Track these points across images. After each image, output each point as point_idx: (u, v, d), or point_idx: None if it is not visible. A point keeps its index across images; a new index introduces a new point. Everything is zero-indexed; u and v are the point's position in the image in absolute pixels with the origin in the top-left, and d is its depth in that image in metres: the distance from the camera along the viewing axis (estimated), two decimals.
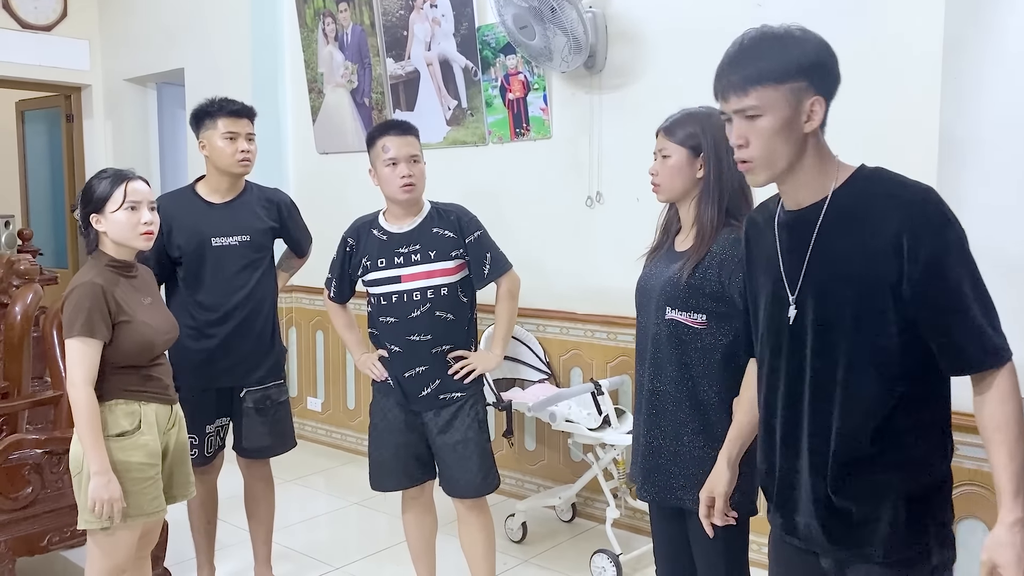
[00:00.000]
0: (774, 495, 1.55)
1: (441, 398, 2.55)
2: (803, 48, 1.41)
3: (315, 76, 4.56)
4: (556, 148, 3.66)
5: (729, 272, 1.87)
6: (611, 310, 3.51)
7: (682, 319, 1.92)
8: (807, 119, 1.40)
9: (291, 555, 3.32)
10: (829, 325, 1.42)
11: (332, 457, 4.61)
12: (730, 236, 1.90)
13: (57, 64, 5.66)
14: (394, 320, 2.54)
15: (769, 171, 1.44)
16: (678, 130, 1.96)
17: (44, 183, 6.39)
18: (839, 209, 1.42)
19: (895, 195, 1.38)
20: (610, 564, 3.02)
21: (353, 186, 4.50)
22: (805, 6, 2.91)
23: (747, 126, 1.42)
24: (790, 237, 1.48)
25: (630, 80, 3.39)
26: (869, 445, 1.41)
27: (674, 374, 1.93)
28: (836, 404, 1.43)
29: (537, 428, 3.82)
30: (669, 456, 1.95)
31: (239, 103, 2.78)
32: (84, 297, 2.07)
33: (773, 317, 1.51)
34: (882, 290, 1.37)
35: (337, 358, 4.69)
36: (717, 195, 1.92)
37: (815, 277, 1.43)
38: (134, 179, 2.16)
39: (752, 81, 1.41)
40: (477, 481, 2.57)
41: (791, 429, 1.50)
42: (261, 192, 2.90)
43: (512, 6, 3.24)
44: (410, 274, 2.52)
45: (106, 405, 2.13)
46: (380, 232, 2.58)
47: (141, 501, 2.15)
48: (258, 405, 2.82)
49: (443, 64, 3.93)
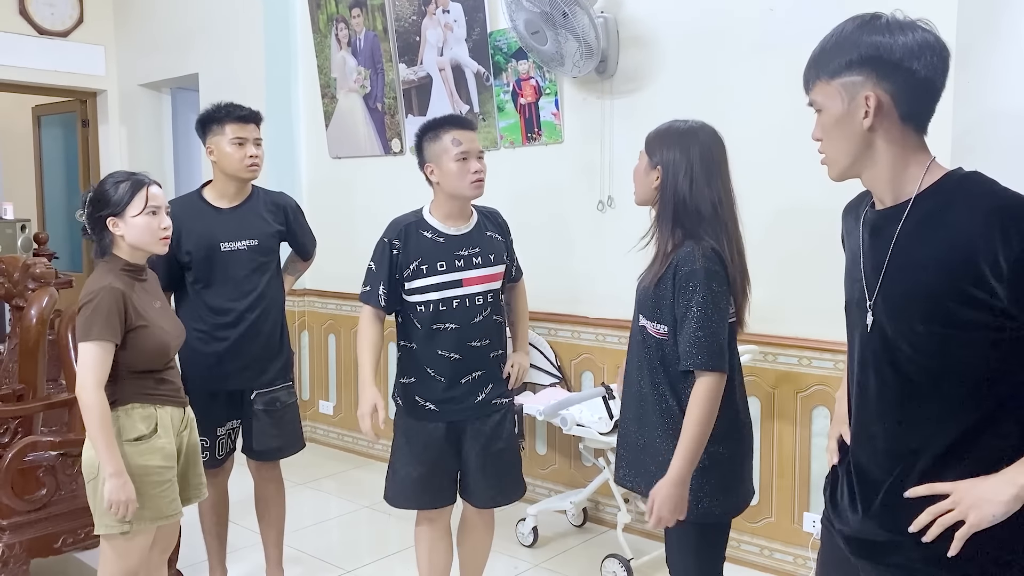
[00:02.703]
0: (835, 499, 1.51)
1: (493, 403, 2.50)
2: (864, 40, 1.32)
3: (328, 81, 4.59)
4: (568, 153, 3.66)
5: (676, 285, 1.88)
6: (622, 314, 3.50)
7: (649, 327, 1.96)
8: (865, 115, 1.33)
9: (302, 558, 3.33)
10: (898, 337, 1.34)
11: (343, 461, 4.62)
12: (685, 250, 1.89)
13: (73, 69, 5.72)
14: (455, 327, 2.41)
15: (836, 167, 1.41)
16: (651, 138, 2.00)
17: (60, 187, 6.46)
18: (921, 214, 1.33)
19: (979, 202, 1.27)
20: (621, 569, 3.02)
21: (365, 190, 4.53)
22: (818, 10, 2.91)
23: (817, 121, 1.40)
24: (871, 238, 1.41)
25: (642, 85, 3.40)
26: (929, 470, 1.33)
27: (649, 379, 1.97)
28: (903, 420, 1.36)
29: (548, 432, 3.82)
30: (650, 456, 1.97)
31: (246, 108, 2.79)
32: (104, 301, 2.07)
33: (855, 322, 1.45)
34: (953, 304, 1.27)
35: (349, 361, 4.70)
36: (670, 210, 1.93)
37: (889, 285, 1.36)
38: (151, 184, 2.18)
39: (814, 76, 1.39)
40: (518, 488, 2.59)
41: (858, 436, 1.45)
42: (267, 196, 2.91)
43: (524, 11, 3.25)
44: (471, 278, 2.42)
45: (123, 409, 2.14)
46: (433, 233, 2.43)
47: (160, 504, 2.16)
48: (268, 407, 2.84)
49: (455, 69, 3.95)
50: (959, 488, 1.29)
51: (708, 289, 1.86)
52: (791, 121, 2.97)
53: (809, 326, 3.01)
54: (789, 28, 2.95)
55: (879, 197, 1.40)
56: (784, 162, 2.97)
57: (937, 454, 1.32)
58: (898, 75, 1.30)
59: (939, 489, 1.30)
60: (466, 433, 2.49)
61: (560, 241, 3.70)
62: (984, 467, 1.29)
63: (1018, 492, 1.24)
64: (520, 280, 2.72)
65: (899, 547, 1.35)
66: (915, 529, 1.32)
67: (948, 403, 1.31)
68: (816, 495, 3.06)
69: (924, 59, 1.30)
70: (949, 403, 1.31)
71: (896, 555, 1.36)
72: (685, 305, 1.87)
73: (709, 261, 1.88)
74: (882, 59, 1.30)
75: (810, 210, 2.85)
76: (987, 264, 1.23)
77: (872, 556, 1.40)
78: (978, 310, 1.26)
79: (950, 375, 1.30)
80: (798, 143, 2.95)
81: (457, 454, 2.50)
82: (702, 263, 1.87)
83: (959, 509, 1.27)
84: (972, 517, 1.26)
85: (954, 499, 1.28)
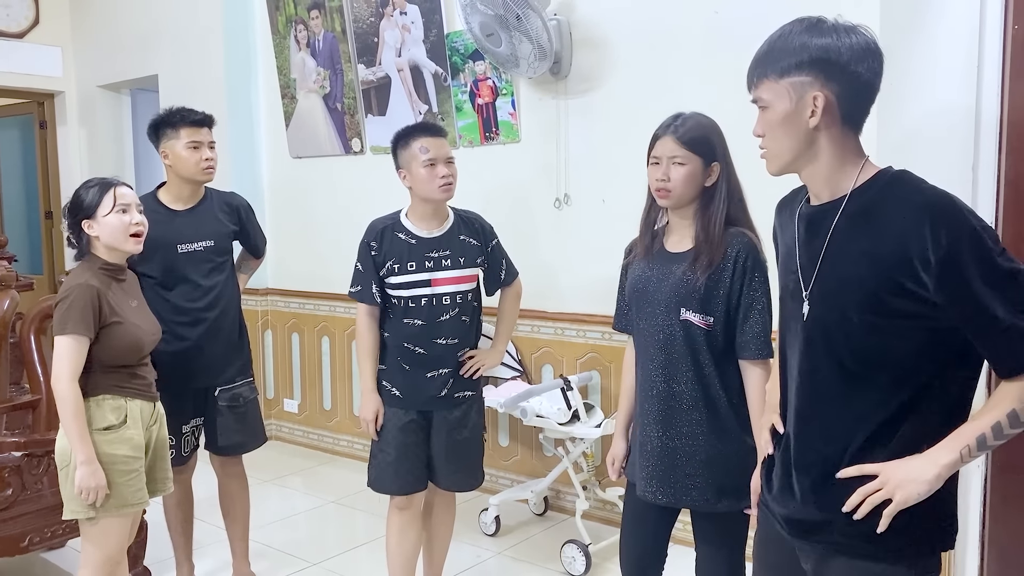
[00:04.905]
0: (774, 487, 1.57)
1: (456, 397, 2.62)
2: (813, 43, 1.37)
3: (288, 82, 4.62)
4: (525, 152, 3.75)
5: (741, 275, 1.94)
6: (580, 308, 3.61)
7: (696, 320, 1.96)
8: (811, 114, 1.38)
9: (268, 552, 3.38)
10: (832, 326, 1.40)
11: (309, 457, 4.67)
12: (743, 240, 1.96)
13: (30, 71, 5.68)
14: (421, 323, 2.56)
15: (776, 162, 1.46)
16: (693, 138, 1.97)
17: (18, 190, 6.39)
18: (854, 209, 1.40)
19: (909, 198, 1.35)
20: (580, 554, 3.12)
21: (326, 190, 4.58)
22: (759, 12, 3.03)
23: (761, 117, 1.45)
24: (807, 231, 1.47)
25: (595, 85, 3.49)
26: (859, 452, 1.40)
27: (690, 375, 1.97)
28: (836, 405, 1.42)
29: (510, 425, 3.90)
30: (685, 457, 1.99)
31: (200, 112, 2.85)
32: (79, 297, 2.16)
33: (790, 312, 1.51)
34: (885, 295, 1.34)
35: (313, 360, 4.75)
36: (724, 203, 1.98)
37: (825, 276, 1.42)
38: (120, 185, 2.29)
39: (760, 74, 1.43)
40: (477, 476, 2.73)
41: (794, 421, 1.50)
42: (220, 197, 2.97)
43: (479, 14, 3.33)
44: (440, 279, 2.56)
45: (94, 400, 2.22)
46: (406, 235, 2.58)
47: (125, 492, 2.24)
48: (231, 403, 2.90)
49: (413, 70, 4.01)
50: (886, 469, 1.36)
51: (767, 280, 1.93)
52: (736, 119, 3.08)
53: None
54: (733, 30, 3.06)
55: (816, 193, 1.46)
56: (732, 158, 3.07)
57: (867, 436, 1.39)
58: (844, 77, 1.36)
59: (868, 470, 1.38)
60: (434, 421, 2.62)
61: (518, 238, 3.76)
62: (909, 448, 1.36)
63: (940, 472, 1.33)
64: (512, 284, 2.79)
65: (832, 525, 1.43)
66: (847, 509, 1.39)
67: (878, 388, 1.38)
68: None
69: (867, 63, 1.37)
70: (879, 388, 1.38)
71: (830, 533, 1.44)
72: (751, 295, 1.93)
73: (762, 252, 1.96)
74: (830, 62, 1.36)
75: (754, 208, 2.96)
76: (917, 258, 1.30)
77: (808, 535, 1.48)
78: (909, 300, 1.32)
79: (880, 361, 1.37)
80: (744, 140, 3.07)
81: (426, 440, 2.63)
82: (762, 255, 1.95)
83: (887, 488, 1.35)
84: (899, 496, 1.34)
85: (882, 479, 1.36)
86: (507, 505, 3.65)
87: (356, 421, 4.52)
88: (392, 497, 2.65)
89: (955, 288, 1.29)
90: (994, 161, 2.20)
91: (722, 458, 1.96)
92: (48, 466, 2.75)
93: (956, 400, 1.39)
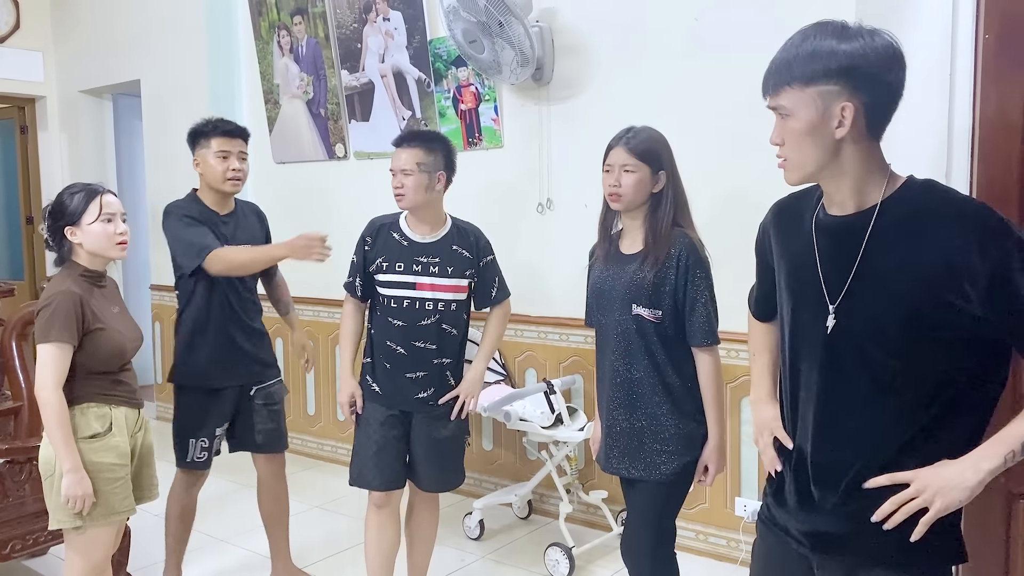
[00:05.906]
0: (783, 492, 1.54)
1: (431, 404, 2.66)
2: (840, 50, 1.32)
3: (271, 87, 4.63)
4: (507, 157, 3.78)
5: (684, 272, 2.15)
6: (563, 312, 3.64)
7: (645, 314, 2.17)
8: (838, 124, 1.34)
9: (252, 558, 3.38)
10: (867, 340, 1.37)
11: (292, 463, 4.57)
12: (685, 240, 2.18)
13: (10, 76, 5.65)
14: (403, 324, 2.61)
15: (799, 172, 1.41)
16: (643, 149, 2.19)
17: None
18: (889, 221, 1.36)
19: (949, 210, 1.32)
20: (563, 557, 3.14)
21: (309, 195, 4.58)
22: (738, 19, 3.07)
23: (781, 125, 1.39)
24: (832, 242, 1.42)
25: (577, 92, 3.53)
26: (891, 462, 1.37)
27: (646, 362, 2.19)
28: (865, 417, 1.39)
29: (494, 429, 3.92)
30: (651, 436, 2.20)
31: (233, 123, 2.95)
32: (62, 304, 2.15)
33: (806, 324, 1.45)
34: (927, 308, 1.31)
35: (297, 366, 4.73)
36: (671, 207, 2.20)
37: (859, 290, 1.37)
38: (106, 193, 2.28)
39: (783, 81, 1.37)
40: (457, 476, 2.77)
41: (817, 436, 1.46)
42: (247, 205, 3.12)
43: (461, 21, 3.35)
44: (424, 283, 2.61)
45: (78, 408, 2.21)
46: (401, 236, 2.65)
47: (112, 500, 2.23)
48: (266, 401, 2.99)
49: (397, 76, 4.03)
50: (921, 476, 1.34)
51: (709, 275, 2.20)
52: (715, 124, 3.13)
53: (736, 319, 3.15)
54: (712, 36, 3.11)
55: (839, 203, 1.42)
56: (711, 162, 3.11)
57: (897, 447, 1.37)
58: (873, 87, 1.33)
59: (901, 478, 1.35)
60: (414, 419, 2.66)
61: (502, 243, 3.76)
62: (938, 456, 1.35)
63: (983, 477, 1.31)
64: (503, 303, 2.81)
65: (860, 537, 1.40)
66: (878, 518, 1.36)
67: (911, 399, 1.35)
68: (746, 481, 3.22)
69: (895, 72, 1.34)
70: (912, 399, 1.35)
71: (858, 545, 1.41)
72: (695, 290, 2.17)
73: (703, 250, 2.21)
74: (859, 70, 1.31)
75: (733, 210, 3.00)
76: (963, 271, 1.27)
77: (833, 549, 1.44)
78: (951, 313, 1.30)
79: (917, 374, 1.35)
80: (723, 144, 3.12)
81: (406, 437, 2.67)
82: (703, 253, 2.20)
83: (924, 496, 1.32)
84: (939, 503, 1.32)
85: (917, 487, 1.33)
86: (491, 509, 3.66)
87: (340, 427, 4.52)
88: (370, 493, 2.68)
89: (1007, 300, 1.27)
90: (967, 169, 2.24)
91: (683, 435, 2.19)
92: (30, 473, 2.74)
93: (987, 409, 1.38)
